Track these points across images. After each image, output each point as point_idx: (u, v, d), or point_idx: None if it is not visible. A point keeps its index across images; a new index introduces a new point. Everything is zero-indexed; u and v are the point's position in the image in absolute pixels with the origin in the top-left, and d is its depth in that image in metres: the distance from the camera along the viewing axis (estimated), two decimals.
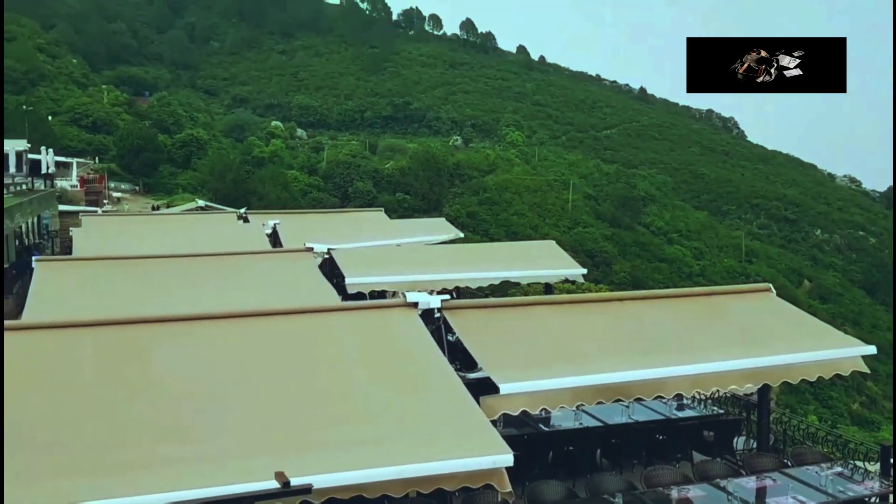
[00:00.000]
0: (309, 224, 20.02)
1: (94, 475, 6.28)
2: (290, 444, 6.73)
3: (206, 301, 10.90)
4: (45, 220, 34.94)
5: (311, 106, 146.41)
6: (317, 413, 7.27)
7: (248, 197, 69.48)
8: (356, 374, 7.94)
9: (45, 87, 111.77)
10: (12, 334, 8.16)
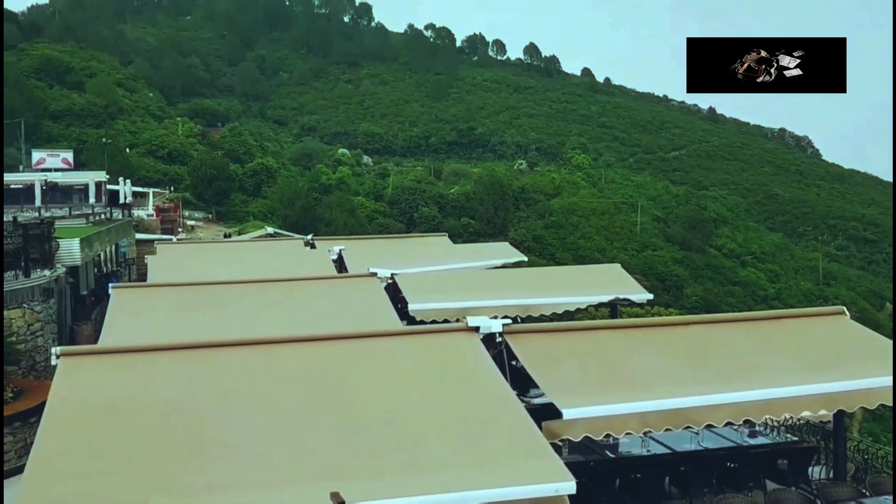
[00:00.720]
0: (374, 249, 20.22)
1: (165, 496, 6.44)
2: (350, 468, 6.77)
3: (273, 326, 11.10)
4: (123, 249, 36.25)
5: (377, 133, 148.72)
6: (378, 437, 7.29)
7: (316, 223, 70.75)
8: (417, 399, 7.96)
9: (124, 120, 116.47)
10: (89, 358, 8.50)
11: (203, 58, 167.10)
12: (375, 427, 7.53)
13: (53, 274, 17.34)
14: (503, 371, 8.91)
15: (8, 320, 14.44)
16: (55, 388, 7.63)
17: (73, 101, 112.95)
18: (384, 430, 7.49)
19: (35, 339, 15.22)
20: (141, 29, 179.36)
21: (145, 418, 7.44)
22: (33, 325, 15.23)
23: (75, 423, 7.27)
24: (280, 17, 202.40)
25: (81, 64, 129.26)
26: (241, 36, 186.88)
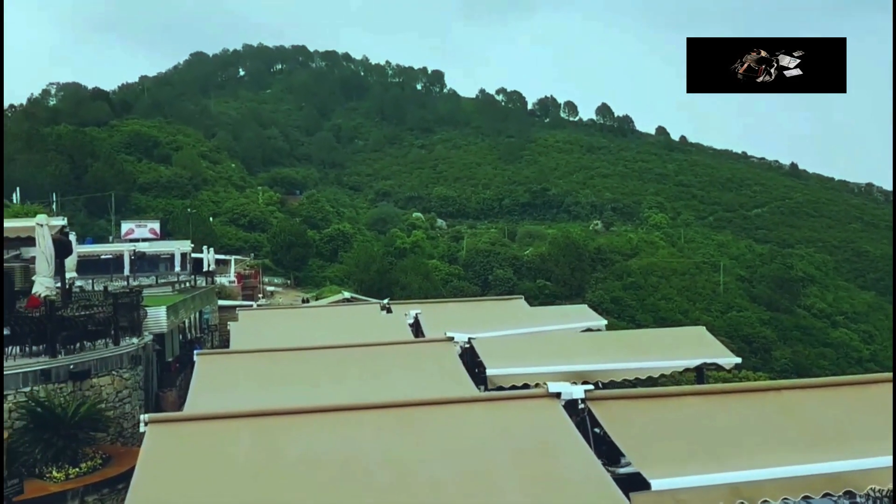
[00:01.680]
0: (449, 313, 20.17)
1: None
2: None
3: (352, 391, 11.12)
4: (206, 315, 37.22)
5: (450, 196, 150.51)
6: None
7: (392, 287, 71.43)
8: (498, 467, 7.77)
9: (208, 190, 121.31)
10: (176, 425, 8.66)
11: (282, 128, 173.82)
12: (456, 496, 7.38)
13: (141, 341, 17.88)
14: (586, 439, 8.66)
15: (97, 387, 14.90)
16: (143, 455, 7.77)
17: (160, 174, 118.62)
18: (465, 499, 7.33)
19: (123, 406, 15.63)
20: (224, 103, 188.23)
21: (232, 485, 7.50)
22: (121, 391, 15.67)
23: (163, 490, 7.37)
24: (355, 87, 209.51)
25: (168, 138, 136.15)
26: (319, 106, 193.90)
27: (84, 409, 13.23)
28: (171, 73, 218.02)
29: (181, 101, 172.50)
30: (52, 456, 12.61)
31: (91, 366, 14.94)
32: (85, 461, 12.88)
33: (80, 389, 14.35)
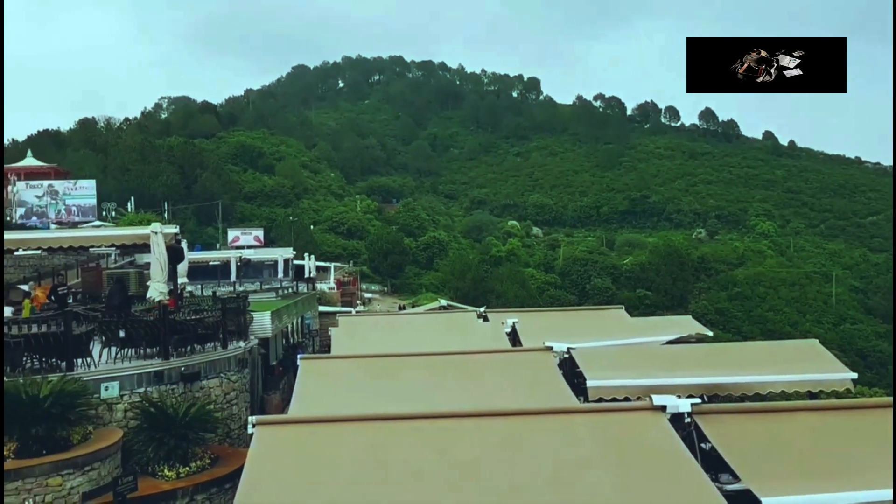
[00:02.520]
0: (547, 322, 19.92)
1: None
2: None
3: (450, 399, 11.13)
4: (308, 321, 38.17)
5: (547, 204, 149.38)
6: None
7: (487, 295, 71.39)
8: (601, 480, 7.61)
9: (308, 199, 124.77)
10: (282, 427, 8.88)
11: (379, 138, 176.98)
12: None
13: (247, 345, 18.46)
14: (693, 454, 8.37)
15: (207, 389, 15.47)
16: (251, 456, 8.00)
17: (263, 183, 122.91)
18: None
19: (230, 408, 16.18)
20: (324, 114, 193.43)
21: (335, 488, 7.64)
22: (229, 394, 16.22)
23: (270, 490, 7.56)
24: (451, 96, 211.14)
25: (272, 149, 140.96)
26: (415, 116, 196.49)
27: (194, 411, 13.75)
28: (275, 86, 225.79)
29: (283, 112, 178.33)
30: (165, 455, 13.15)
31: (201, 368, 15.53)
32: (195, 461, 13.38)
33: (190, 391, 14.94)
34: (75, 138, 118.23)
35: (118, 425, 13.55)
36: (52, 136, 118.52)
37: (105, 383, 13.73)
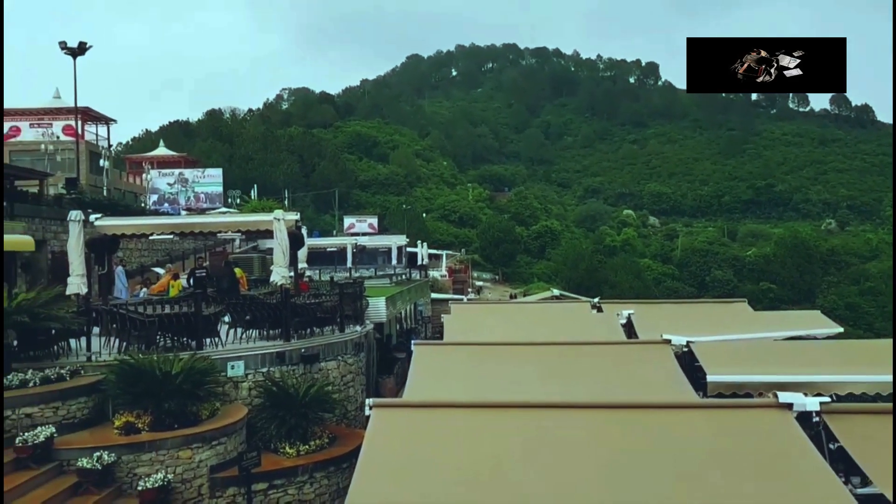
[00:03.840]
0: (664, 314, 19.34)
1: None
2: None
3: (563, 389, 11.01)
4: (420, 307, 38.73)
5: (664, 193, 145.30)
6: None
7: (601, 286, 70.27)
8: (724, 479, 7.33)
9: (421, 187, 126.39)
10: (398, 410, 9.06)
11: (492, 126, 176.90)
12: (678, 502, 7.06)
13: (363, 330, 18.92)
14: (821, 455, 7.95)
15: (325, 371, 15.96)
16: (369, 437, 8.19)
17: (378, 172, 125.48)
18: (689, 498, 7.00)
19: (347, 390, 16.64)
20: (437, 103, 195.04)
21: (448, 471, 7.72)
22: (346, 376, 16.68)
23: (387, 470, 7.74)
24: (565, 83, 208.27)
25: (386, 138, 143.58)
26: (528, 104, 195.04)
27: (314, 391, 14.21)
28: (390, 76, 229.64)
29: (398, 102, 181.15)
30: (286, 432, 13.67)
31: (320, 350, 16.04)
32: (314, 439, 13.84)
33: (309, 372, 15.45)
34: (203, 128, 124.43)
35: (243, 403, 14.18)
36: (182, 126, 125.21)
37: (231, 362, 14.39)
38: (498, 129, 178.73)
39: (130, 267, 28.20)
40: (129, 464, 11.71)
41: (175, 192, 57.25)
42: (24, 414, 11.87)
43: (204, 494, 12.20)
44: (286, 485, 12.93)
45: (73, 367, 13.35)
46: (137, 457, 11.80)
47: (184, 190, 57.01)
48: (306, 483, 13.10)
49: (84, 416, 12.63)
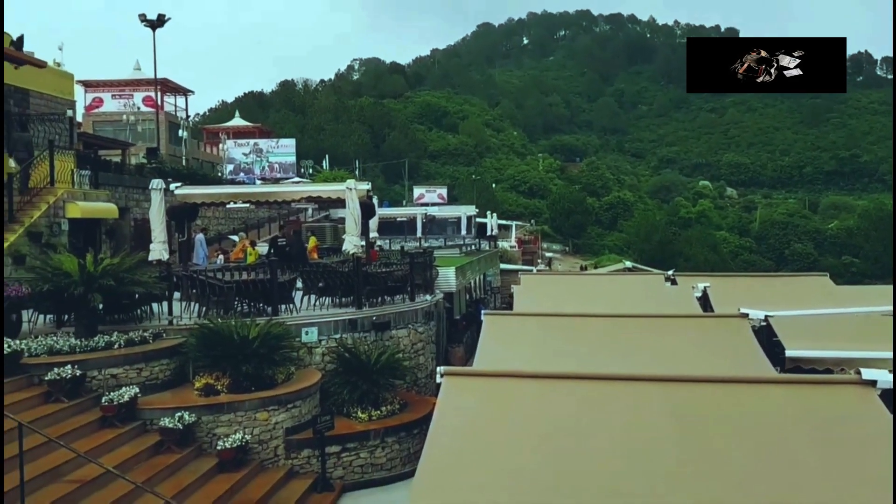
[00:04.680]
0: (741, 288, 18.84)
1: None
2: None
3: (635, 362, 10.86)
4: (489, 278, 38.73)
5: (743, 163, 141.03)
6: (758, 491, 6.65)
7: (675, 258, 68.93)
8: (805, 458, 7.12)
9: (491, 157, 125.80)
10: (469, 379, 9.10)
11: (563, 95, 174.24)
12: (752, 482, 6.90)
13: (433, 299, 19.06)
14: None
15: (396, 339, 16.18)
16: (440, 404, 8.26)
17: (447, 142, 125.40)
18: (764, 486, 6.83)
19: (417, 358, 16.83)
20: (508, 72, 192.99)
21: (518, 440, 7.73)
22: (416, 344, 16.87)
23: (458, 437, 7.80)
24: (640, 50, 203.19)
25: (455, 108, 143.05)
26: (601, 72, 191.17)
27: (385, 358, 14.43)
28: (460, 45, 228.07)
29: (468, 71, 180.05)
30: (358, 398, 13.94)
31: (390, 319, 16.24)
32: (385, 405, 14.09)
33: (380, 339, 15.68)
34: (276, 99, 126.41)
35: (316, 368, 14.51)
36: (256, 97, 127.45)
37: (305, 328, 14.72)
38: (570, 98, 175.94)
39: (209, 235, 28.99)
40: (209, 424, 12.15)
41: (250, 161, 58.51)
42: (110, 374, 12.41)
43: (280, 455, 12.58)
44: (358, 448, 13.22)
45: (156, 330, 13.86)
46: (216, 418, 12.22)
47: (258, 160, 58.22)
48: (378, 447, 13.36)
49: (166, 378, 13.13)
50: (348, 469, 13.10)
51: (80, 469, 9.76)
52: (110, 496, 9.58)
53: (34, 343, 12.29)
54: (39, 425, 9.90)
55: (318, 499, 12.20)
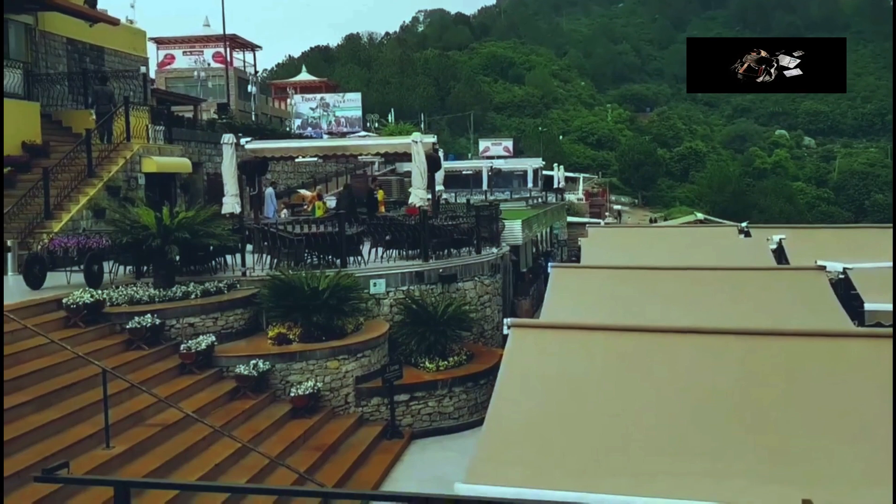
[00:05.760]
0: (818, 240, 18.29)
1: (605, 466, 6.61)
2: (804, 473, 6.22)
3: (708, 316, 10.66)
4: (556, 231, 38.48)
5: (822, 111, 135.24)
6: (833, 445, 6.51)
7: (749, 210, 67.07)
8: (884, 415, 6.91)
9: (558, 109, 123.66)
10: (536, 331, 9.10)
11: (633, 43, 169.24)
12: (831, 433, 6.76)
13: (500, 252, 19.04)
14: None
15: (462, 291, 16.26)
16: (508, 356, 8.30)
17: (513, 94, 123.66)
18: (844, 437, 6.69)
19: (484, 310, 16.90)
20: (575, 20, 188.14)
21: (587, 392, 7.74)
22: (483, 296, 16.93)
23: (526, 387, 7.85)
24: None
25: (521, 58, 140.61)
26: (673, 18, 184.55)
27: (452, 309, 14.53)
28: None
29: (534, 20, 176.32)
30: (426, 348, 14.12)
31: (457, 271, 16.31)
32: (452, 356, 14.24)
33: (447, 292, 15.78)
34: (342, 54, 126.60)
35: (385, 319, 14.72)
36: (322, 52, 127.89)
37: (373, 280, 14.90)
38: (640, 46, 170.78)
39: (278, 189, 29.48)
40: (282, 372, 12.51)
41: (317, 116, 58.97)
42: (188, 323, 12.85)
43: (350, 402, 12.90)
44: (426, 397, 13.44)
45: (230, 281, 14.25)
46: (289, 366, 12.58)
47: (325, 114, 58.62)
48: (445, 397, 13.56)
49: (240, 327, 13.54)
50: (416, 417, 13.35)
51: (162, 413, 10.20)
52: (190, 439, 9.99)
53: (115, 293, 12.78)
54: (122, 371, 10.34)
55: (388, 445, 12.49)
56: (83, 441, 9.06)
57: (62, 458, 6.89)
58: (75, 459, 8.40)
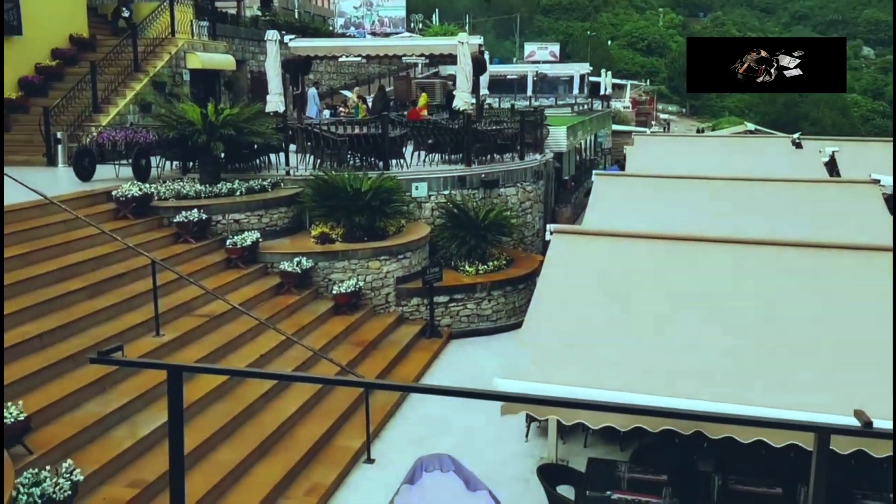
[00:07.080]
0: (872, 154, 17.70)
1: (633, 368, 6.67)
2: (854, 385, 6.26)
3: (755, 227, 10.48)
4: (601, 139, 37.79)
5: (883, 20, 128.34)
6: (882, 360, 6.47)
7: (800, 122, 64.94)
8: None
9: (608, 12, 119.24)
10: (577, 238, 9.06)
11: None
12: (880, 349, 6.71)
13: (543, 158, 18.81)
14: None
15: (504, 196, 16.18)
16: (549, 261, 8.32)
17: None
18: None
19: (525, 216, 16.85)
20: None
21: (627, 298, 7.75)
22: (524, 203, 16.84)
23: (565, 294, 7.88)
24: None
25: None
26: None
27: (493, 215, 14.53)
28: None
29: None
30: (466, 252, 14.21)
31: (499, 177, 16.20)
32: (492, 260, 14.33)
33: (489, 197, 15.73)
34: None
35: (426, 222, 14.79)
36: None
37: (415, 183, 14.90)
38: None
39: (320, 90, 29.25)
40: (325, 270, 12.74)
41: (360, 15, 57.60)
42: (233, 219, 13.06)
43: (391, 302, 13.13)
44: (465, 300, 13.62)
45: (274, 179, 14.37)
46: (332, 264, 12.79)
47: (369, 13, 57.25)
48: (484, 300, 13.72)
49: (284, 225, 13.73)
50: (455, 318, 13.57)
51: (209, 305, 10.51)
52: (236, 330, 10.32)
53: (162, 187, 12.99)
54: (170, 263, 10.62)
55: (427, 343, 12.77)
56: (134, 328, 9.41)
57: (115, 343, 7.19)
58: (127, 345, 8.74)
